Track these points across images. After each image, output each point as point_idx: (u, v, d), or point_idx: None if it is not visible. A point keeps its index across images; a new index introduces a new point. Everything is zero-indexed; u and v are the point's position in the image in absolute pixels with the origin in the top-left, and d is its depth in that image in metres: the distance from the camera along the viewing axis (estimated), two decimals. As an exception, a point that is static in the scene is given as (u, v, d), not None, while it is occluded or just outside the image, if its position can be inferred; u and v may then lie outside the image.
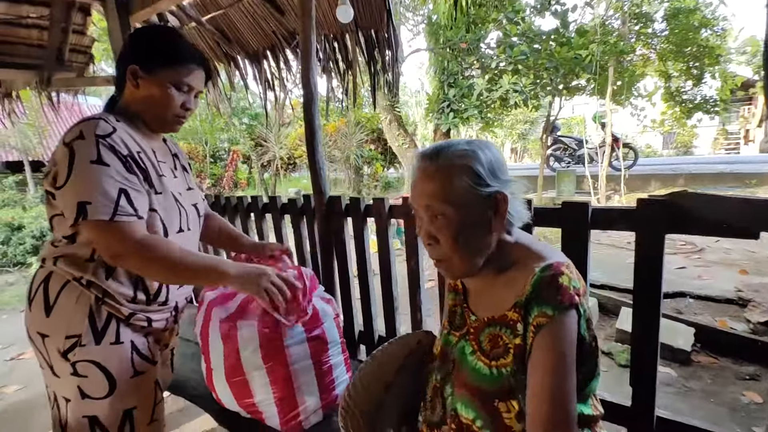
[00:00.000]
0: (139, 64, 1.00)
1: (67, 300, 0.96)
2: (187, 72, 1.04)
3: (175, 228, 1.06)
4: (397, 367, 0.92)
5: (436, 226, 0.74)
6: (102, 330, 0.97)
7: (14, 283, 5.31)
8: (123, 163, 0.92)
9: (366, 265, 1.64)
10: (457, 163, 0.72)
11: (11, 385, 2.72)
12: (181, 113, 1.07)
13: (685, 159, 11.20)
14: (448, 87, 5.91)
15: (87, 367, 0.96)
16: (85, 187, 0.88)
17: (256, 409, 1.28)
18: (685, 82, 6.55)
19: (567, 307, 0.67)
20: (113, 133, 0.93)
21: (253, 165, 11.44)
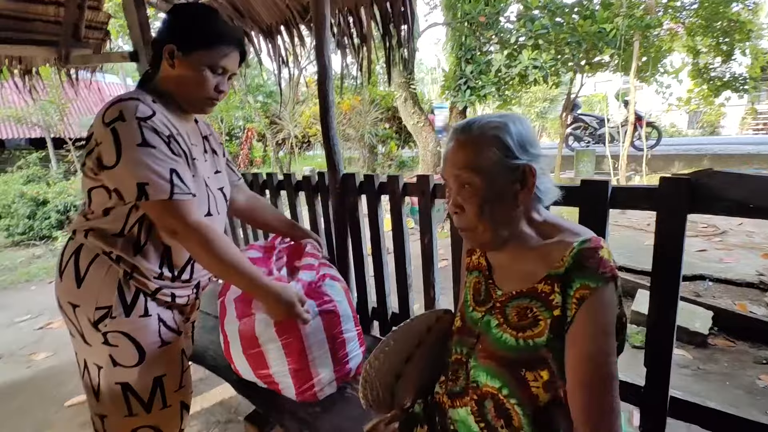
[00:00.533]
0: (176, 43, 1.00)
1: (97, 273, 1.00)
2: (224, 55, 1.04)
3: (204, 212, 1.08)
4: (417, 341, 0.94)
5: (463, 195, 0.76)
6: (131, 303, 1.02)
7: (41, 256, 5.52)
8: (166, 144, 0.95)
9: (380, 243, 1.65)
10: (487, 134, 0.74)
11: (41, 352, 2.86)
12: (214, 95, 1.07)
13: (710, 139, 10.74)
14: (465, 63, 5.74)
15: (117, 338, 1.01)
16: (139, 169, 0.90)
17: (272, 380, 1.32)
18: (714, 58, 6.22)
19: (609, 278, 0.68)
20: (153, 116, 0.95)
21: (267, 143, 11.46)
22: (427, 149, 6.86)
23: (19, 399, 2.32)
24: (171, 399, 1.10)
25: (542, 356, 0.72)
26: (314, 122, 10.51)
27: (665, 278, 1.00)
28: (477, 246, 0.88)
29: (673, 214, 0.96)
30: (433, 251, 1.48)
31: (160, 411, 1.08)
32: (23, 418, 2.15)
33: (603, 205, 1.06)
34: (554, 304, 0.72)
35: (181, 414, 1.15)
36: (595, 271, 0.69)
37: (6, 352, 2.93)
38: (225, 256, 1.00)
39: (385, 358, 0.93)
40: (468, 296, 0.93)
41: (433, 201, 1.43)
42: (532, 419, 0.73)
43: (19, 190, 6.22)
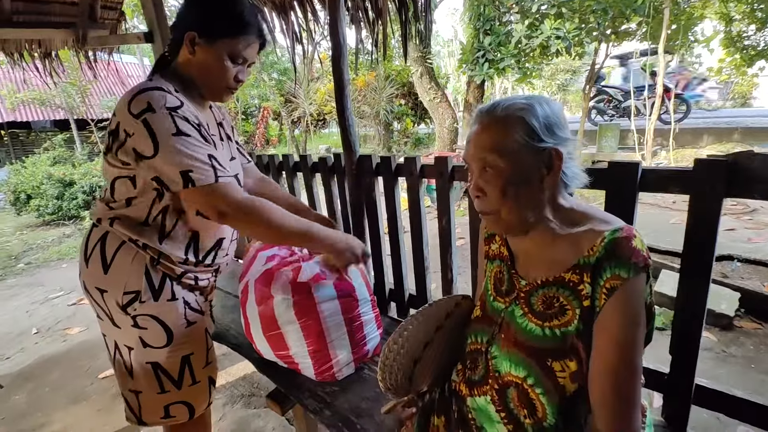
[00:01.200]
0: (198, 31, 0.98)
1: (124, 259, 1.03)
2: (247, 45, 1.03)
3: None
4: (436, 327, 0.94)
5: (486, 178, 0.75)
6: (159, 288, 1.05)
7: (71, 235, 5.74)
8: (198, 131, 0.95)
9: (397, 224, 1.63)
10: (512, 115, 0.72)
11: (74, 327, 3.02)
12: (233, 85, 1.06)
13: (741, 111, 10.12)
14: (484, 35, 5.52)
15: (146, 321, 1.05)
16: (179, 158, 0.91)
17: (291, 360, 1.35)
18: (748, 26, 5.78)
19: (641, 268, 0.67)
20: (182, 107, 0.95)
21: (283, 121, 11.43)
22: (444, 126, 6.72)
23: (56, 372, 2.45)
24: (199, 375, 1.14)
25: (571, 346, 0.71)
26: (329, 99, 10.40)
27: (696, 263, 0.96)
28: (500, 230, 0.86)
29: (707, 199, 0.91)
30: (451, 233, 1.46)
31: (190, 387, 1.13)
32: (61, 390, 2.27)
33: (632, 189, 1.01)
34: (584, 295, 0.70)
35: (209, 388, 1.19)
36: (627, 260, 0.67)
37: (43, 327, 3.08)
38: (283, 226, 1.01)
39: (404, 342, 0.93)
40: (488, 285, 0.92)
41: (451, 183, 1.40)
42: (558, 409, 0.72)
43: (47, 171, 6.40)
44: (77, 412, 2.08)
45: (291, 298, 1.27)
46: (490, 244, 0.98)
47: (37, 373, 2.46)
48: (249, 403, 2.10)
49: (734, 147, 6.07)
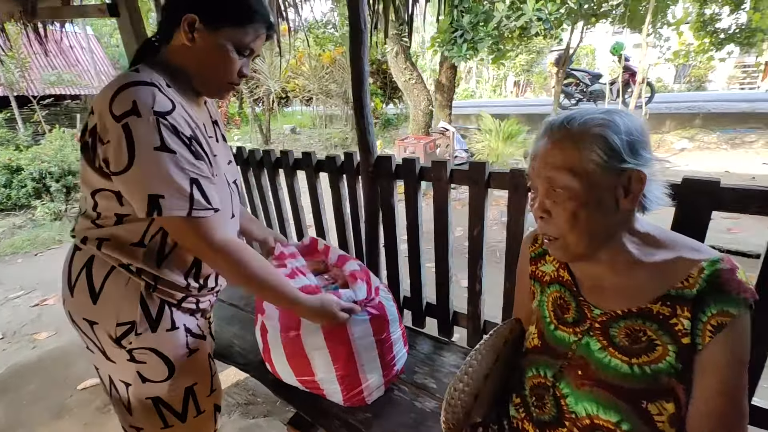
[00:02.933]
0: (200, 14, 0.82)
1: (115, 287, 0.89)
2: (255, 35, 0.87)
3: (228, 214, 0.97)
4: (495, 357, 0.88)
5: (554, 199, 0.70)
6: (157, 317, 0.93)
7: (22, 226, 5.22)
8: (188, 146, 0.80)
9: (418, 233, 1.51)
10: (590, 132, 0.66)
11: (42, 331, 2.73)
12: (237, 80, 0.90)
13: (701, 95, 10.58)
14: (461, 13, 5.34)
15: (145, 354, 0.93)
16: (153, 179, 0.76)
17: (316, 386, 1.24)
18: (722, 8, 5.94)
19: (750, 304, 0.63)
20: (173, 111, 0.79)
21: (244, 99, 10.78)
22: (419, 108, 6.56)
23: (32, 383, 2.22)
24: (204, 404, 1.05)
25: (666, 386, 0.66)
26: (292, 76, 9.89)
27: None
28: (566, 258, 0.78)
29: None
30: (482, 245, 1.36)
31: (195, 418, 1.03)
32: (41, 403, 2.07)
33: (706, 208, 0.94)
34: (680, 331, 0.65)
35: (214, 416, 1.10)
36: (735, 295, 0.62)
37: (7, 331, 2.79)
38: (260, 278, 0.91)
39: (469, 379, 0.86)
40: (546, 312, 0.85)
41: (486, 190, 1.29)
42: None
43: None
44: (62, 427, 1.90)
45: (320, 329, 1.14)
46: (538, 265, 0.91)
47: (12, 384, 2.22)
48: (247, 412, 1.97)
49: (697, 132, 6.37)
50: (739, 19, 6.00)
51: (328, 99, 9.75)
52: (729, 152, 5.81)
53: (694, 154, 5.96)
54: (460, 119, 9.01)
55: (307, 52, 9.71)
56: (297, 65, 9.79)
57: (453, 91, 6.60)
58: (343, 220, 1.72)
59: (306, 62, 9.50)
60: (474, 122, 8.22)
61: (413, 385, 1.33)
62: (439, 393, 1.30)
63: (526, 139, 5.83)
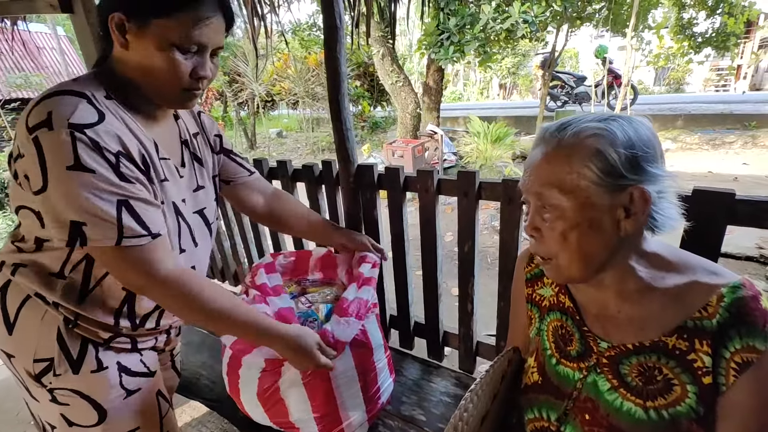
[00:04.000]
0: (125, 10, 0.68)
1: (31, 319, 0.78)
2: (196, 22, 0.69)
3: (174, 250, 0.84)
4: (493, 395, 0.77)
5: (544, 217, 0.62)
6: (78, 357, 0.80)
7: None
8: (113, 165, 0.67)
9: (403, 246, 1.39)
10: (584, 143, 0.58)
11: None
12: (191, 85, 0.74)
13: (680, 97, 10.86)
14: (447, 16, 5.27)
15: (68, 396, 0.81)
16: (70, 203, 0.65)
17: (292, 426, 1.10)
18: (698, 12, 6.07)
19: None
20: (99, 123, 0.66)
21: (228, 103, 10.55)
22: (407, 111, 6.47)
23: None
24: None
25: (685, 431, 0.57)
26: (277, 79, 9.72)
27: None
28: (559, 280, 0.72)
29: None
30: (474, 260, 1.24)
31: None
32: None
33: (720, 222, 0.84)
34: (700, 368, 0.57)
35: None
36: (762, 328, 0.54)
37: None
38: (212, 310, 0.77)
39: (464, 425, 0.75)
40: (546, 344, 0.76)
41: (477, 203, 1.17)
42: None
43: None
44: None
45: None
46: (535, 287, 0.81)
47: None
48: (222, 443, 1.81)
49: (680, 133, 6.43)
50: (715, 24, 6.12)
51: (314, 102, 9.60)
52: (710, 153, 5.86)
53: (678, 154, 6.00)
54: (448, 122, 8.96)
55: (292, 54, 9.55)
56: (282, 68, 9.63)
57: (440, 93, 6.53)
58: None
59: (291, 65, 9.34)
60: (462, 125, 8.18)
61: (400, 418, 1.21)
62: (428, 426, 1.18)
63: (514, 142, 5.79)
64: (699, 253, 0.82)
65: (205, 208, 0.94)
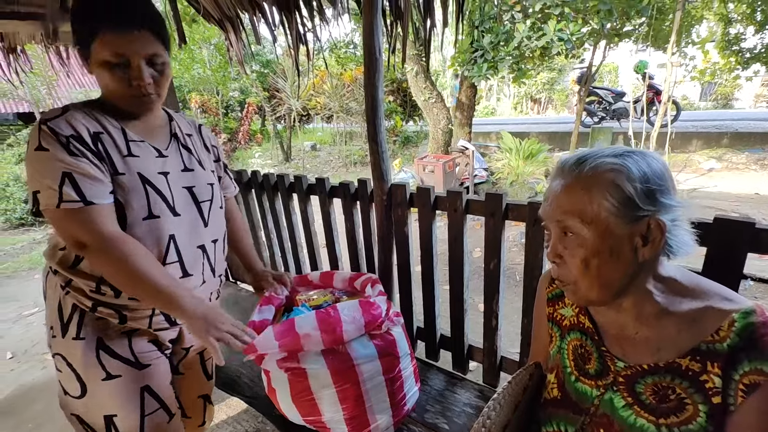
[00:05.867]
0: (77, 45, 0.86)
1: (51, 290, 0.97)
2: (105, 43, 0.82)
3: (141, 213, 0.91)
4: (514, 406, 0.82)
5: (566, 244, 0.66)
6: (66, 322, 0.94)
7: (41, 241, 5.33)
8: (63, 145, 0.83)
9: (432, 262, 1.46)
10: (602, 177, 0.62)
11: None
12: (134, 92, 0.88)
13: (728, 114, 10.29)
14: (481, 33, 5.35)
15: (59, 361, 0.95)
16: (33, 176, 0.83)
17: (323, 426, 1.18)
18: (746, 27, 5.83)
19: None
20: (60, 116, 0.85)
21: (266, 117, 11.02)
22: (438, 127, 6.55)
23: (39, 404, 2.20)
24: None
25: None
26: (314, 95, 10.07)
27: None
28: (579, 303, 0.76)
29: None
30: (499, 277, 1.29)
31: None
32: (46, 427, 2.04)
33: (740, 251, 0.87)
34: (711, 389, 0.60)
35: None
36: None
37: (18, 350, 2.76)
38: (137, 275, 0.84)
39: None
40: (567, 362, 0.79)
41: (503, 223, 1.23)
42: None
43: (14, 172, 5.95)
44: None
45: (325, 361, 1.09)
46: (556, 307, 0.85)
47: (18, 406, 2.19)
48: (254, 442, 1.91)
49: (725, 152, 6.14)
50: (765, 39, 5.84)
51: (348, 117, 9.87)
52: (758, 173, 5.56)
53: (723, 174, 5.73)
54: (480, 137, 8.95)
55: (329, 71, 9.89)
56: (319, 84, 9.99)
57: (473, 109, 6.58)
58: (356, 246, 1.69)
59: (327, 81, 9.67)
60: (494, 140, 8.16)
61: (424, 425, 1.27)
62: (451, 435, 1.23)
63: (546, 158, 5.72)
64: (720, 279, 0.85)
65: (194, 187, 1.02)
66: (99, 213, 0.84)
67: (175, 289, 0.87)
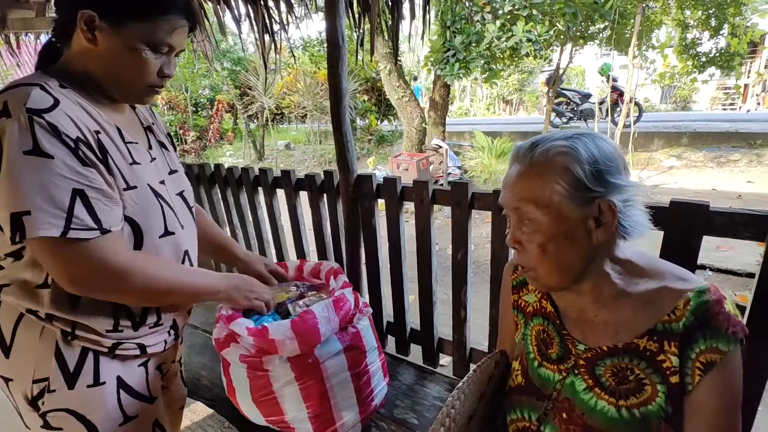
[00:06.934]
0: (97, 9, 0.69)
1: (27, 337, 0.75)
2: (170, 28, 0.74)
3: (158, 232, 0.81)
4: (480, 395, 0.81)
5: (523, 231, 0.67)
6: (75, 370, 0.76)
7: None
8: (73, 151, 0.66)
9: (400, 253, 1.44)
10: (552, 162, 0.63)
11: None
12: (157, 82, 0.79)
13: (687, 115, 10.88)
14: (453, 33, 5.41)
15: (61, 418, 0.77)
16: (19, 190, 0.62)
17: (287, 426, 1.13)
18: (702, 33, 6.15)
19: (740, 339, 0.59)
20: (55, 107, 0.66)
21: (238, 115, 10.77)
22: (412, 125, 6.57)
23: None
24: None
25: (656, 431, 0.61)
26: (287, 93, 9.92)
27: None
28: (540, 288, 0.76)
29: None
30: (466, 267, 1.28)
31: None
32: None
33: (696, 233, 0.88)
34: (668, 368, 0.61)
35: None
36: (724, 330, 0.58)
37: None
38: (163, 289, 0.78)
39: (451, 422, 0.78)
40: (530, 348, 0.80)
41: (469, 212, 1.22)
42: None
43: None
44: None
45: (289, 362, 1.04)
46: (521, 294, 0.85)
47: None
48: (219, 447, 1.84)
49: (684, 150, 6.44)
50: (719, 44, 6.18)
51: (322, 115, 9.78)
52: (715, 170, 5.86)
53: (682, 172, 6.00)
54: (454, 137, 9.05)
55: (302, 69, 9.77)
56: (292, 82, 9.84)
57: (446, 108, 6.64)
58: (323, 240, 1.65)
59: (301, 79, 9.55)
60: (468, 140, 8.26)
61: (393, 421, 1.24)
62: (420, 429, 1.21)
63: (517, 157, 5.83)
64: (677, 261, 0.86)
65: (184, 191, 0.94)
66: (116, 241, 0.71)
67: (208, 278, 0.89)
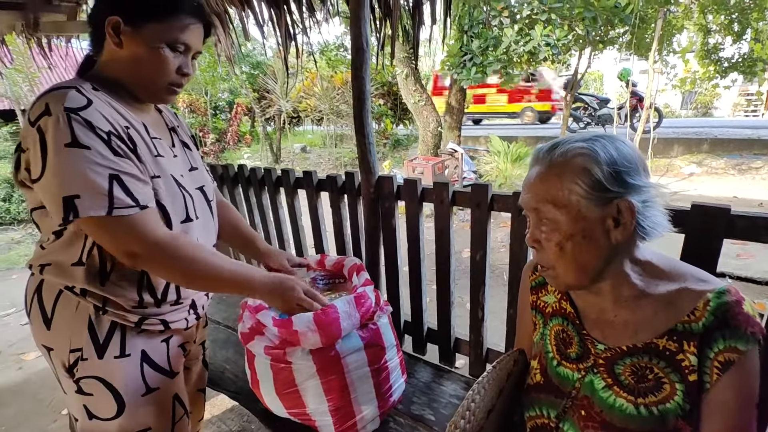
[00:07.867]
0: (122, 15, 0.79)
1: (65, 311, 0.85)
2: (184, 27, 0.83)
3: (180, 217, 0.89)
4: (498, 391, 0.83)
5: (542, 230, 0.68)
6: (105, 341, 0.86)
7: (21, 241, 5.18)
8: (106, 142, 0.75)
9: (419, 255, 1.46)
10: (571, 163, 0.64)
11: (31, 351, 2.63)
12: (177, 80, 0.86)
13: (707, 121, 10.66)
14: (470, 38, 5.42)
15: (92, 385, 0.87)
16: (66, 177, 0.72)
17: (308, 418, 1.17)
18: (724, 38, 6.03)
19: (758, 340, 0.60)
20: (88, 106, 0.75)
21: (255, 118, 10.96)
22: (428, 129, 6.58)
23: (14, 406, 2.14)
24: None
25: (674, 428, 0.62)
26: (304, 96, 10.06)
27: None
28: (559, 287, 0.77)
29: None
30: (485, 269, 1.31)
31: None
32: (21, 429, 1.98)
33: (717, 237, 0.89)
34: (687, 367, 0.62)
35: None
36: (743, 330, 0.59)
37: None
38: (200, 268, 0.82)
39: (471, 415, 0.80)
40: (549, 347, 0.81)
41: (489, 214, 1.25)
42: None
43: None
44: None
45: (311, 354, 1.08)
46: (539, 295, 0.87)
47: None
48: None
49: (705, 157, 6.31)
50: (742, 49, 6.07)
51: (338, 119, 9.88)
52: (736, 177, 5.74)
53: (703, 179, 5.89)
54: (470, 141, 9.05)
55: (319, 73, 9.91)
56: (309, 86, 9.98)
57: (462, 113, 6.64)
58: (343, 240, 1.68)
59: (318, 83, 9.68)
60: (483, 144, 8.24)
61: (410, 416, 1.26)
62: (437, 426, 1.23)
63: (533, 162, 5.79)
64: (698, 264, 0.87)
65: (203, 186, 1.01)
66: (154, 216, 0.80)
67: (246, 270, 0.89)
